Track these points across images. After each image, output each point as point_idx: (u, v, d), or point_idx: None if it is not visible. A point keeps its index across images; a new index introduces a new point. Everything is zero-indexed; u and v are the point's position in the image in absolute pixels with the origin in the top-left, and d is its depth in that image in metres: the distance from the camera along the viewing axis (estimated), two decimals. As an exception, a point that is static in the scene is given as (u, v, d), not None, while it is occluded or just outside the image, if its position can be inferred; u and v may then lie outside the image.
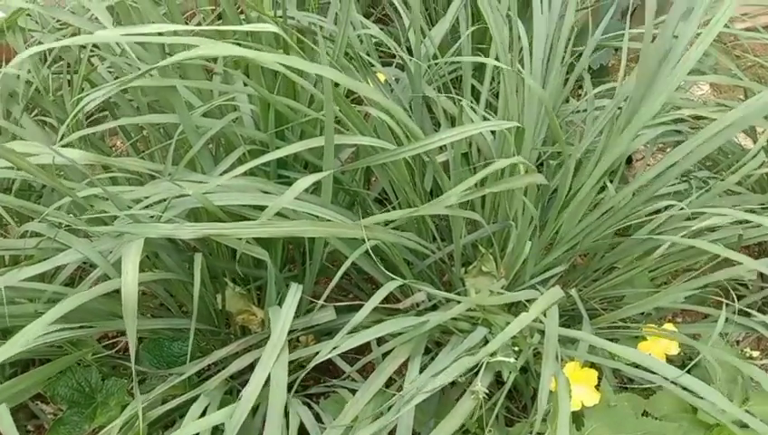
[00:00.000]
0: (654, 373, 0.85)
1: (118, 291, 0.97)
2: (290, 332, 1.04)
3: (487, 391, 0.83)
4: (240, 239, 0.85)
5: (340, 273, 0.85)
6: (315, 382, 1.24)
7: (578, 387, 0.89)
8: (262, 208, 0.86)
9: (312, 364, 0.84)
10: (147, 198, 0.81)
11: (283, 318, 0.84)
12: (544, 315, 0.86)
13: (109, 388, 1.05)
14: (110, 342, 1.11)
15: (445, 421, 0.81)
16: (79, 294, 0.78)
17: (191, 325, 0.84)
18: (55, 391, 1.03)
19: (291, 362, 1.15)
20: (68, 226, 0.88)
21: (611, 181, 1.04)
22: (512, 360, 0.85)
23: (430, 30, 1.22)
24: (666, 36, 0.92)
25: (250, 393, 0.80)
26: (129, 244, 0.73)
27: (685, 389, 0.84)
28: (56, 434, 1.01)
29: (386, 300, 1.05)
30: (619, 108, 1.04)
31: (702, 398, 0.82)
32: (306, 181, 0.82)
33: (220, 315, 1.12)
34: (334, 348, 0.83)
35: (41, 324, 0.76)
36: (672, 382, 0.82)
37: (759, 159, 1.06)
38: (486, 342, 0.86)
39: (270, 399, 0.81)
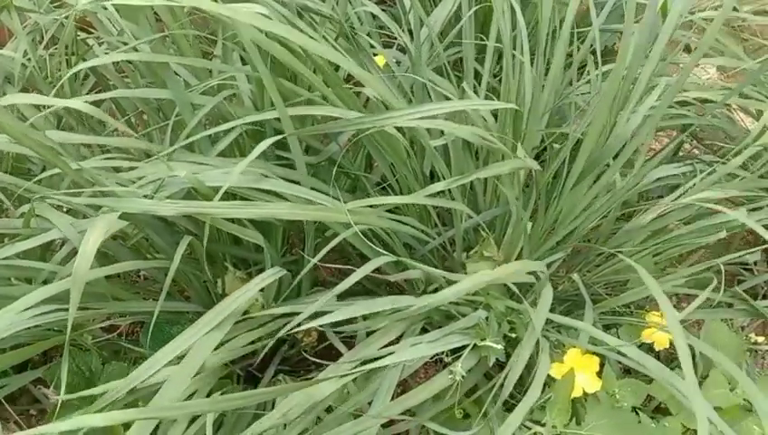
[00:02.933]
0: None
1: (118, 274, 0.97)
2: (288, 315, 1.04)
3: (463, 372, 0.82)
4: (233, 221, 0.84)
5: (323, 252, 0.84)
6: (317, 367, 1.24)
7: (579, 374, 0.88)
8: (257, 189, 0.85)
9: (283, 332, 0.81)
10: (141, 178, 0.80)
11: (245, 289, 0.82)
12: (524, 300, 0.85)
13: (109, 372, 1.05)
14: (109, 324, 1.11)
15: (414, 392, 0.81)
16: (60, 282, 0.77)
17: (156, 308, 0.83)
18: (55, 375, 1.03)
19: (291, 347, 1.16)
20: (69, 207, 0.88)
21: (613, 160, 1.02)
22: (499, 346, 0.84)
23: (433, 11, 1.20)
24: (652, 16, 0.90)
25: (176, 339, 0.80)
26: (101, 216, 0.72)
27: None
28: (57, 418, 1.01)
29: (395, 293, 1.04)
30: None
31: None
32: (264, 144, 0.80)
33: (221, 299, 1.12)
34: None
35: (15, 310, 0.75)
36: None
37: (762, 142, 1.04)
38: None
39: (189, 354, 0.79)
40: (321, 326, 1.04)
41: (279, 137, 0.84)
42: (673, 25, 0.92)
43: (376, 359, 0.82)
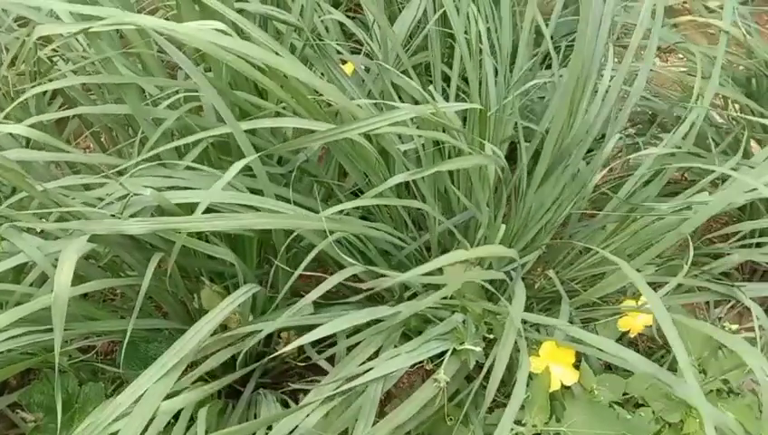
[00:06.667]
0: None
1: (85, 294, 0.96)
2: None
3: (447, 378, 0.82)
4: (205, 238, 0.83)
5: (301, 267, 0.84)
6: (299, 378, 1.23)
7: (555, 366, 0.89)
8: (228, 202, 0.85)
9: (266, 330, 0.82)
10: (109, 195, 0.79)
11: (213, 315, 0.83)
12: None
13: (86, 393, 1.04)
14: (87, 344, 1.09)
15: (404, 404, 0.81)
16: (29, 304, 0.77)
17: (128, 327, 0.83)
18: (31, 398, 1.02)
19: (273, 358, 1.16)
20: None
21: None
22: (478, 348, 0.84)
23: (399, 14, 1.21)
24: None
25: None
26: (70, 241, 0.72)
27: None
28: (33, 442, 1.00)
29: (374, 299, 1.04)
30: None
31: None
32: (237, 166, 0.81)
33: (198, 314, 1.11)
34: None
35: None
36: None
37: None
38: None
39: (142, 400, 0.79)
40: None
41: (249, 159, 0.84)
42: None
43: (358, 375, 0.82)
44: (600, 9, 0.92)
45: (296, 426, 0.80)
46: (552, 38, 1.10)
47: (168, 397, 0.86)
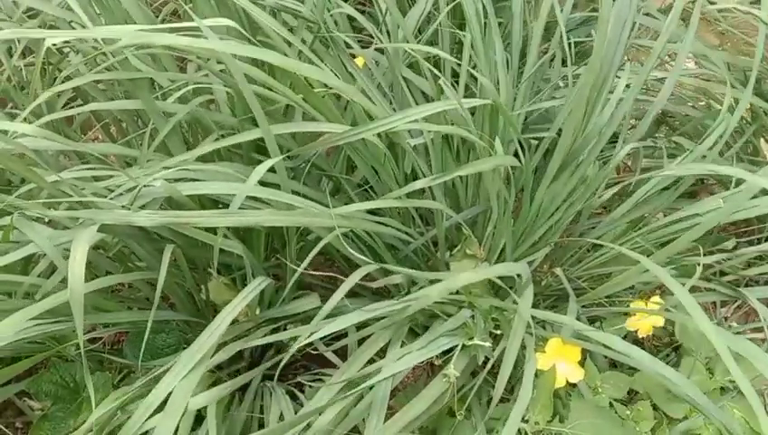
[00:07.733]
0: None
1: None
2: (274, 320, 1.04)
3: (457, 374, 0.83)
4: (207, 230, 0.84)
5: (306, 261, 0.84)
6: (305, 370, 1.24)
7: (562, 363, 0.89)
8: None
9: (290, 353, 0.82)
10: (119, 186, 0.80)
11: (231, 307, 0.84)
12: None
13: (94, 383, 1.04)
14: (93, 336, 1.10)
15: (414, 401, 0.81)
16: (50, 299, 0.77)
17: (150, 317, 0.84)
18: (39, 387, 1.02)
19: (278, 350, 1.16)
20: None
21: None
22: (487, 344, 0.84)
23: (410, 9, 1.21)
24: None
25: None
26: (81, 230, 0.72)
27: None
28: (40, 431, 1.00)
29: (378, 293, 1.04)
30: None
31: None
32: (266, 165, 0.82)
33: (206, 306, 1.11)
34: (312, 334, 0.82)
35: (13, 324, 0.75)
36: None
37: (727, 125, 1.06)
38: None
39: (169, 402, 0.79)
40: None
41: (274, 160, 0.85)
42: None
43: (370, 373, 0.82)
44: (625, 10, 0.91)
45: (308, 424, 0.80)
46: (560, 36, 1.09)
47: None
